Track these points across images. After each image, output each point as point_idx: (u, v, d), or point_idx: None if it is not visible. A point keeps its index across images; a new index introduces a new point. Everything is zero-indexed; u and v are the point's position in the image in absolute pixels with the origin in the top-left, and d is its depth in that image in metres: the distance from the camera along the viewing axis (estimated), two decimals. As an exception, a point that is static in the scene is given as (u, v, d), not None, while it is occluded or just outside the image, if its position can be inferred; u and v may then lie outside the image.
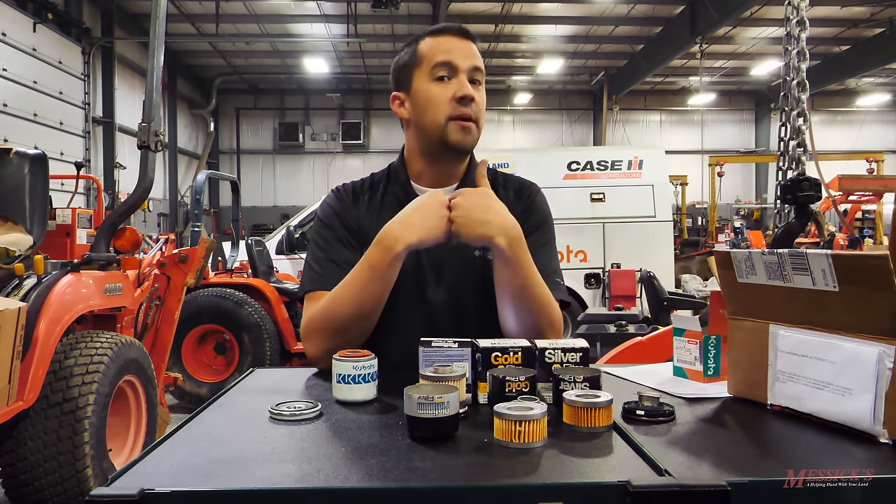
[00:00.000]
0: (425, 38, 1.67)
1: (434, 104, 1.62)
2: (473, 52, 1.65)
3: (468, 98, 1.60)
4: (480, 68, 1.65)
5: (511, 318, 1.55)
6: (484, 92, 1.67)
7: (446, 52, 1.63)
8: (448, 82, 1.62)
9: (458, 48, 1.63)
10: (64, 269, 3.70)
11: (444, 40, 1.65)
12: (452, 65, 1.62)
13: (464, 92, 1.60)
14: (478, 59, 1.66)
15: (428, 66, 1.63)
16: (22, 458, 3.31)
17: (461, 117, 1.61)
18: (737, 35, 18.27)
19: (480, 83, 1.66)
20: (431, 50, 1.64)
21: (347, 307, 1.52)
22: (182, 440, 1.04)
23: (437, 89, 1.62)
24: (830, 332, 1.07)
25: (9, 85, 12.24)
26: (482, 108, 1.66)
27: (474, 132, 1.65)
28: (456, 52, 1.63)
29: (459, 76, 1.62)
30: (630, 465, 0.92)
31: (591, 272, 8.86)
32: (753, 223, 21.81)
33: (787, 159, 3.32)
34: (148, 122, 4.01)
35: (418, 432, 1.02)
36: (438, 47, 1.64)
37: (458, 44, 1.64)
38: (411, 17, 16.80)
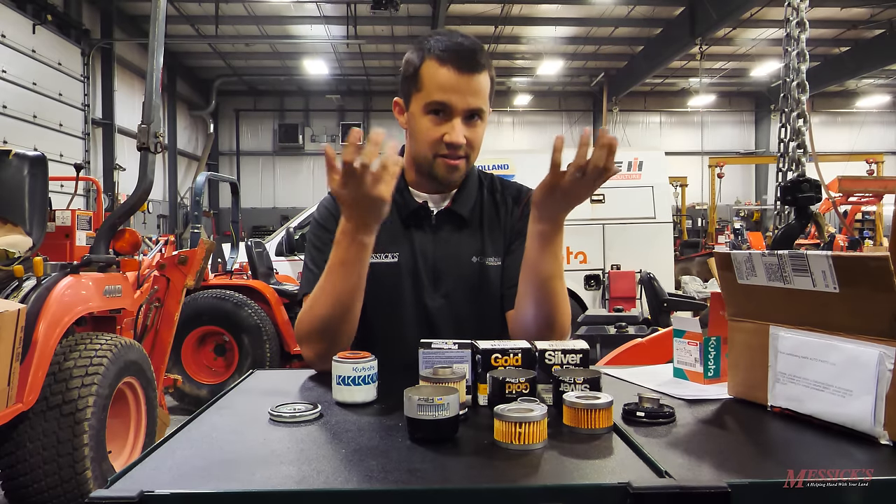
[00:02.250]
0: (429, 61, 1.58)
1: (423, 138, 1.60)
2: (475, 88, 1.56)
3: (457, 144, 1.57)
4: (480, 107, 1.58)
5: (531, 309, 1.53)
6: (484, 123, 1.62)
7: (443, 90, 1.55)
8: (441, 121, 1.57)
9: (457, 87, 1.55)
10: (63, 270, 3.70)
11: (444, 74, 1.55)
12: (449, 105, 1.55)
13: (453, 138, 1.56)
14: (477, 97, 1.57)
15: (425, 97, 1.58)
16: (21, 460, 3.31)
17: (449, 157, 1.59)
18: (736, 36, 18.28)
19: (480, 118, 1.60)
20: (430, 81, 1.57)
21: (321, 309, 1.51)
22: (182, 442, 1.04)
23: (428, 125, 1.58)
24: (831, 333, 1.07)
25: (8, 87, 12.24)
26: (476, 145, 1.62)
27: (462, 168, 1.62)
28: (453, 93, 1.55)
29: (454, 119, 1.56)
30: (630, 467, 0.92)
31: (591, 273, 8.86)
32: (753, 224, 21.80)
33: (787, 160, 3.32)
34: (147, 124, 4.01)
35: (418, 434, 1.02)
36: (437, 82, 1.56)
37: (459, 81, 1.55)
38: (411, 18, 16.81)
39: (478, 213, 1.72)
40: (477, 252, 1.68)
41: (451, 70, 1.55)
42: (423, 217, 1.70)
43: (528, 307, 1.54)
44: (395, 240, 1.68)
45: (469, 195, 1.72)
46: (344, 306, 1.50)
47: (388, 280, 1.65)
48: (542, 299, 1.52)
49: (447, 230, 1.69)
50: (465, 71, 1.55)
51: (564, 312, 1.55)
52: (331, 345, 1.50)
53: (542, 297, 1.51)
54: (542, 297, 1.52)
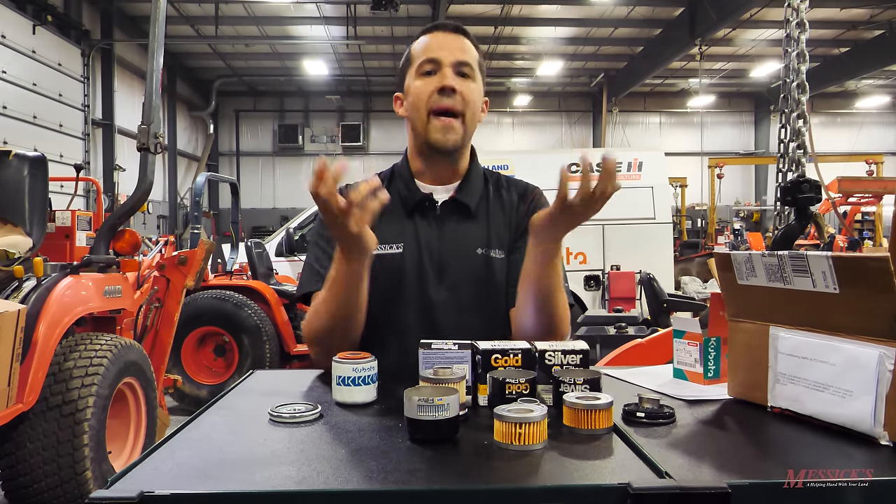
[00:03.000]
0: (418, 38, 1.70)
1: (418, 98, 1.64)
2: (461, 45, 1.66)
3: (448, 88, 1.60)
4: (467, 62, 1.65)
5: (531, 316, 1.54)
6: (476, 86, 1.66)
7: (431, 48, 1.65)
8: (432, 77, 1.63)
9: (444, 43, 1.65)
10: (63, 271, 3.70)
11: (432, 37, 1.68)
12: (436, 60, 1.63)
13: (443, 83, 1.61)
14: (465, 53, 1.65)
15: (416, 63, 1.66)
16: (21, 461, 3.31)
17: (441, 110, 1.61)
18: (736, 37, 18.28)
19: (470, 76, 1.65)
20: (420, 48, 1.67)
21: (323, 317, 1.54)
22: (181, 442, 1.04)
23: (421, 83, 1.64)
24: (831, 333, 1.07)
25: (8, 87, 12.24)
26: (470, 101, 1.63)
27: (457, 129, 1.63)
28: (441, 48, 1.64)
29: (443, 70, 1.63)
30: (630, 468, 0.92)
31: (591, 274, 8.86)
32: (753, 225, 21.81)
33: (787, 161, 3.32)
34: (147, 124, 4.01)
35: (418, 434, 1.02)
36: (426, 45, 1.66)
37: (446, 39, 1.67)
38: (411, 19, 16.81)
39: (484, 205, 1.72)
40: (482, 244, 1.67)
41: (438, 32, 1.68)
42: (427, 208, 1.70)
43: (528, 316, 1.55)
44: (399, 231, 1.68)
45: (474, 187, 1.73)
46: (342, 317, 1.52)
47: (392, 272, 1.65)
48: (544, 310, 1.53)
49: (452, 221, 1.69)
50: (450, 31, 1.68)
51: (564, 319, 1.56)
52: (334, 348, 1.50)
53: (543, 308, 1.53)
54: (543, 308, 1.53)
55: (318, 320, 1.54)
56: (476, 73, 1.67)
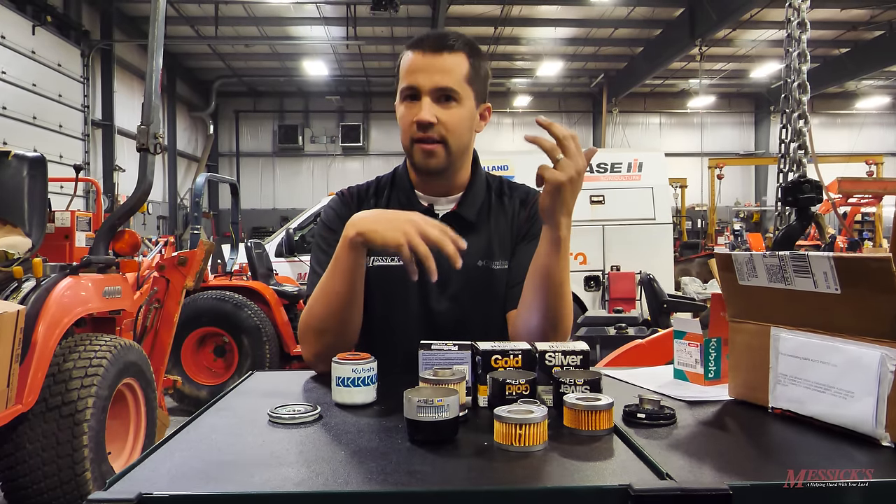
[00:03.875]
0: (404, 53, 1.63)
1: (402, 127, 1.63)
2: (443, 67, 1.57)
3: (423, 123, 1.57)
4: (448, 87, 1.57)
5: (538, 313, 1.54)
6: (461, 108, 1.60)
7: (410, 72, 1.58)
8: (412, 104, 1.59)
9: (422, 66, 1.57)
10: (63, 271, 3.70)
11: (413, 58, 1.59)
12: (415, 87, 1.58)
13: (420, 117, 1.56)
14: (446, 76, 1.57)
15: (400, 85, 1.62)
16: (21, 462, 3.31)
17: (422, 140, 1.59)
18: (736, 37, 18.29)
19: (454, 98, 1.59)
20: (403, 68, 1.61)
21: (319, 307, 1.53)
22: (181, 443, 1.04)
23: (403, 111, 1.61)
24: (832, 334, 1.07)
25: (8, 88, 12.25)
26: (452, 127, 1.59)
27: (439, 154, 1.60)
28: (420, 73, 1.57)
29: (423, 98, 1.57)
30: (631, 469, 0.92)
31: (591, 274, 8.86)
32: (753, 226, 21.82)
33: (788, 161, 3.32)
34: (147, 125, 4.01)
35: (418, 436, 1.02)
36: (407, 66, 1.59)
37: (424, 61, 1.57)
38: (411, 19, 16.82)
39: (485, 215, 1.71)
40: (483, 256, 1.67)
41: (417, 53, 1.59)
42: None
43: (535, 311, 1.54)
44: None
45: (475, 198, 1.72)
46: (338, 309, 1.51)
47: (393, 283, 1.65)
48: (552, 304, 1.52)
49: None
50: (429, 51, 1.58)
51: (569, 316, 1.56)
52: (329, 344, 1.51)
53: (551, 301, 1.52)
54: (551, 302, 1.52)
55: (311, 312, 1.54)
56: (462, 93, 1.60)
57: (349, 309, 1.53)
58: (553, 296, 1.51)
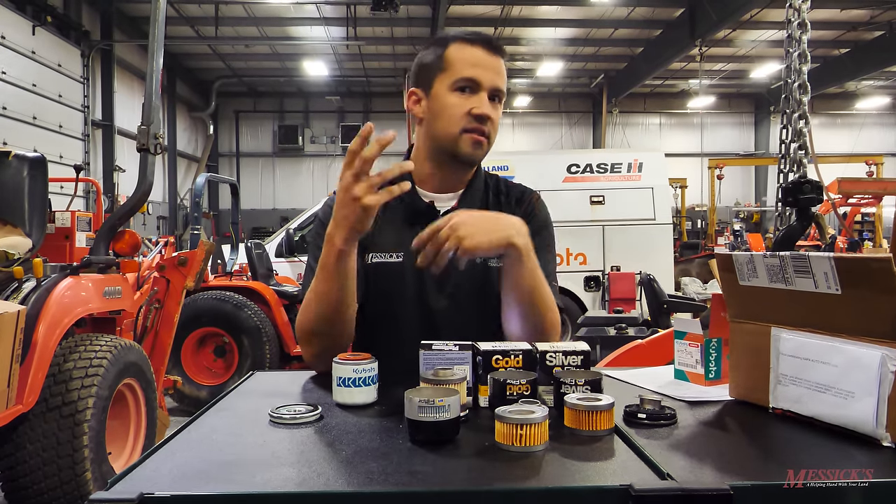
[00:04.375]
0: (455, 44, 1.64)
1: (450, 114, 1.63)
2: (500, 69, 1.64)
3: (485, 117, 1.61)
4: (502, 88, 1.65)
5: (516, 321, 1.56)
6: (501, 110, 1.67)
7: (473, 66, 1.62)
8: (469, 96, 1.62)
9: (486, 63, 1.62)
10: (63, 272, 3.70)
11: (474, 52, 1.63)
12: (477, 81, 1.61)
13: (482, 110, 1.60)
14: (502, 79, 1.64)
15: (453, 74, 1.62)
16: (21, 462, 3.31)
17: (475, 131, 1.62)
18: (736, 38, 18.29)
19: (500, 101, 1.65)
20: (460, 60, 1.62)
21: (312, 310, 1.53)
22: (181, 444, 1.04)
23: (457, 100, 1.62)
24: (833, 335, 1.07)
25: (8, 88, 12.24)
26: (496, 127, 1.66)
27: (485, 147, 1.65)
28: (483, 69, 1.62)
29: (481, 93, 1.61)
30: (632, 469, 0.92)
31: (591, 275, 8.86)
32: (753, 226, 21.80)
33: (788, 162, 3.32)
34: (147, 125, 4.01)
35: (419, 436, 1.02)
36: (467, 59, 1.62)
37: (487, 59, 1.63)
38: (411, 19, 16.82)
39: None
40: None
41: (480, 49, 1.63)
42: (429, 217, 1.69)
43: (516, 320, 1.57)
44: (399, 239, 1.68)
45: (476, 195, 1.73)
46: (330, 309, 1.51)
47: (391, 280, 1.66)
48: (529, 311, 1.55)
49: None
50: (492, 52, 1.64)
51: (553, 316, 1.58)
52: (325, 347, 1.51)
53: (528, 309, 1.55)
54: (528, 310, 1.55)
55: (306, 314, 1.54)
56: (504, 96, 1.67)
57: (341, 311, 1.52)
58: (530, 304, 1.54)
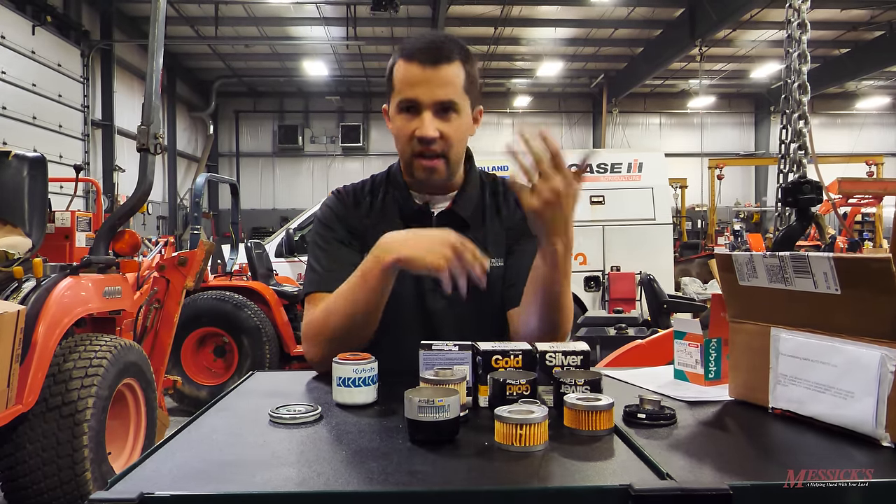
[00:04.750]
0: (399, 61, 1.58)
1: (399, 138, 1.61)
2: (442, 79, 1.55)
3: (427, 139, 1.56)
4: (450, 99, 1.56)
5: (535, 318, 1.55)
6: (461, 118, 1.59)
7: (410, 86, 1.55)
8: (412, 116, 1.57)
9: (422, 79, 1.54)
10: (63, 271, 3.70)
11: (410, 69, 1.55)
12: (415, 100, 1.55)
13: (423, 132, 1.55)
14: (446, 89, 1.55)
15: (396, 96, 1.59)
16: (21, 462, 3.31)
17: (422, 155, 1.58)
18: (736, 38, 18.29)
19: (455, 111, 1.58)
20: (399, 80, 1.58)
21: (340, 316, 1.52)
22: (181, 444, 1.04)
23: (402, 122, 1.59)
24: (832, 335, 1.07)
25: (8, 88, 12.24)
26: (455, 139, 1.59)
27: (440, 169, 1.61)
28: (419, 87, 1.55)
29: (424, 113, 1.55)
30: (631, 469, 0.92)
31: (591, 275, 8.86)
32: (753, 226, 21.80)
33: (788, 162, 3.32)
34: (147, 125, 4.01)
35: (419, 436, 1.02)
36: (404, 78, 1.56)
37: (423, 74, 1.54)
38: (411, 20, 16.82)
39: (480, 214, 1.72)
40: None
41: (415, 64, 1.56)
42: (423, 219, 1.69)
43: (534, 315, 1.55)
44: None
45: (471, 196, 1.72)
46: (360, 324, 1.52)
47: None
48: (550, 312, 1.54)
49: None
50: (428, 64, 1.55)
51: (568, 320, 1.57)
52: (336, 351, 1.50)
53: (550, 310, 1.53)
54: (549, 311, 1.53)
55: (329, 319, 1.54)
56: (461, 103, 1.59)
57: (368, 324, 1.53)
58: (551, 306, 1.52)
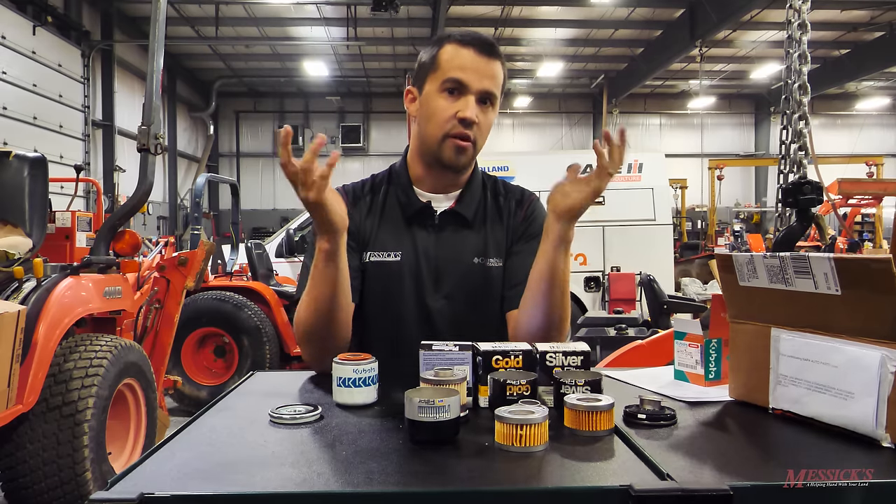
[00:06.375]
0: (450, 44, 1.63)
1: (436, 117, 1.61)
2: (491, 72, 1.61)
3: (469, 121, 1.59)
4: (493, 91, 1.62)
5: (539, 313, 1.55)
6: (494, 112, 1.65)
7: (461, 68, 1.59)
8: (456, 98, 1.60)
9: (474, 66, 1.59)
10: (63, 272, 3.70)
11: (464, 54, 1.60)
12: (464, 83, 1.59)
13: (466, 114, 1.58)
14: (493, 81, 1.61)
15: (441, 75, 1.61)
16: (21, 462, 3.31)
17: (459, 136, 1.60)
18: (736, 38, 18.28)
19: (492, 104, 1.63)
20: (449, 61, 1.61)
21: (307, 311, 1.52)
22: (182, 444, 1.04)
23: (442, 103, 1.61)
24: (832, 335, 1.07)
25: (8, 88, 12.23)
26: (485, 130, 1.64)
27: (469, 153, 1.63)
28: (470, 71, 1.59)
29: (468, 96, 1.59)
30: (632, 469, 0.92)
31: (591, 275, 8.85)
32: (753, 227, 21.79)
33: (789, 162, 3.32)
34: (148, 125, 4.01)
35: (419, 436, 1.02)
36: (455, 60, 1.60)
37: (477, 61, 1.59)
38: (411, 20, 16.81)
39: (481, 214, 1.73)
40: (479, 253, 1.68)
41: (470, 50, 1.60)
42: (426, 217, 1.70)
43: (540, 310, 1.55)
44: (397, 239, 1.69)
45: (473, 196, 1.73)
46: (322, 310, 1.50)
47: (390, 278, 1.66)
48: (557, 303, 1.53)
49: (450, 230, 1.70)
50: (483, 54, 1.60)
51: (568, 317, 1.58)
52: (320, 347, 1.53)
53: (556, 300, 1.53)
54: (556, 301, 1.53)
55: (300, 315, 1.54)
56: (497, 100, 1.64)
57: (333, 312, 1.51)
58: (559, 294, 1.53)
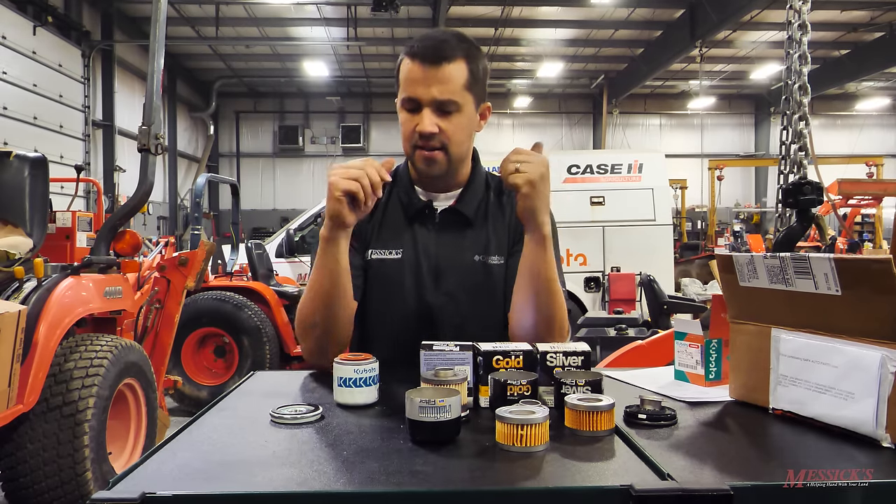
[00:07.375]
0: (405, 57, 1.62)
1: (403, 131, 1.64)
2: (441, 79, 1.57)
3: (426, 134, 1.59)
4: (447, 99, 1.58)
5: (529, 312, 1.56)
6: (461, 116, 1.61)
7: (412, 82, 1.59)
8: (415, 113, 1.61)
9: (423, 77, 1.57)
10: (64, 272, 3.70)
11: (412, 68, 1.59)
12: (415, 99, 1.59)
13: (422, 128, 1.59)
14: (445, 88, 1.57)
15: (401, 92, 1.63)
16: (22, 462, 3.31)
17: (423, 147, 1.62)
18: (736, 39, 18.28)
19: (454, 109, 1.60)
20: (404, 77, 1.61)
21: (309, 303, 1.55)
22: (183, 444, 1.04)
23: (405, 118, 1.63)
24: (833, 336, 1.07)
25: (9, 88, 12.24)
26: (453, 136, 1.62)
27: (440, 161, 1.63)
28: (419, 84, 1.58)
29: (424, 110, 1.59)
30: (632, 469, 0.92)
31: (591, 276, 8.85)
32: (753, 227, 21.80)
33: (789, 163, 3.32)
34: (148, 126, 4.01)
35: (420, 436, 1.02)
36: (408, 75, 1.60)
37: (424, 73, 1.57)
38: (411, 20, 16.82)
39: (483, 212, 1.74)
40: (480, 251, 1.69)
41: (416, 63, 1.59)
42: (427, 215, 1.71)
43: (528, 310, 1.56)
44: (399, 237, 1.70)
45: (474, 195, 1.74)
46: (322, 300, 1.53)
47: (391, 276, 1.68)
48: (544, 300, 1.54)
49: (451, 229, 1.71)
50: (427, 63, 1.58)
51: (563, 313, 1.58)
52: (319, 341, 1.55)
53: (543, 298, 1.54)
54: (543, 299, 1.54)
55: (301, 308, 1.57)
56: (462, 101, 1.60)
57: (333, 304, 1.54)
58: (544, 292, 1.53)
